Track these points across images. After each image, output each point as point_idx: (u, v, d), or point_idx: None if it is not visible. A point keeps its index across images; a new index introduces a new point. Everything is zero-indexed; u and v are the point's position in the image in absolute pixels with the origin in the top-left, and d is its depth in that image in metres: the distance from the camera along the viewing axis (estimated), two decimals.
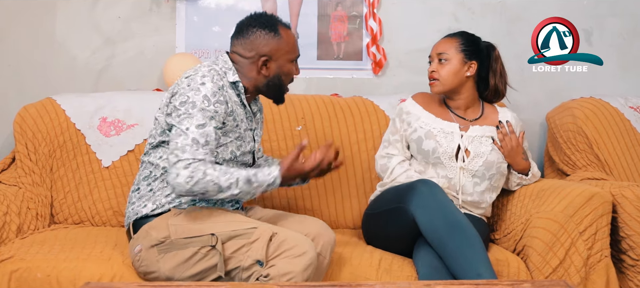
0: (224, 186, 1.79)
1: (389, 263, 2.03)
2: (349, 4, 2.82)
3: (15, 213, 2.20)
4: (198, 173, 1.77)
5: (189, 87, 1.85)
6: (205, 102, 1.83)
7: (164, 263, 1.82)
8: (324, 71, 2.84)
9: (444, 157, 2.20)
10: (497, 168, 2.23)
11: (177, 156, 1.78)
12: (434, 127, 2.24)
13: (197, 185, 1.77)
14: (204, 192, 1.79)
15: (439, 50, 2.26)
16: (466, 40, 2.27)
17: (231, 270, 1.79)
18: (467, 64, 2.25)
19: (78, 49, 2.77)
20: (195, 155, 1.78)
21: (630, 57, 2.91)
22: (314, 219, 2.03)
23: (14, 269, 1.91)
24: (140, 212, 1.91)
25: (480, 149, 2.21)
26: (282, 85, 2.01)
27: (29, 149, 2.40)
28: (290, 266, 1.73)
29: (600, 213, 2.08)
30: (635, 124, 2.63)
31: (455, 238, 1.93)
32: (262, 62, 1.94)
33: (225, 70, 1.94)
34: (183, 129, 1.81)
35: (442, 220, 1.95)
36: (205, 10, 2.78)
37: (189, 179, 1.76)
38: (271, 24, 1.96)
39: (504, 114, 2.32)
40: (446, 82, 2.25)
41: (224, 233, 1.80)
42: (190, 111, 1.82)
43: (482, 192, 2.22)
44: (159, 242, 1.84)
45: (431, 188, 2.00)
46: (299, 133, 2.53)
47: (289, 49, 1.97)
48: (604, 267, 2.08)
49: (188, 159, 1.78)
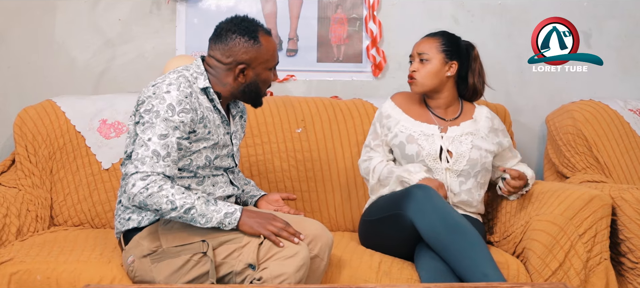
0: (178, 205, 1.75)
1: (389, 265, 2.03)
2: (349, 6, 2.82)
3: (15, 216, 2.20)
4: (154, 186, 1.74)
5: (154, 95, 1.82)
6: (169, 112, 1.79)
7: (157, 273, 1.81)
8: (323, 73, 2.84)
9: (429, 159, 2.20)
10: (481, 165, 2.23)
11: (136, 167, 1.75)
12: (415, 131, 2.24)
13: (151, 199, 1.74)
14: (158, 208, 1.75)
15: (420, 50, 2.26)
16: (447, 41, 2.27)
17: (224, 275, 1.78)
18: (448, 64, 2.26)
19: (78, 51, 2.77)
20: (154, 168, 1.75)
21: (629, 58, 2.91)
22: (311, 221, 2.00)
23: (14, 271, 1.91)
24: (127, 224, 1.90)
25: (461, 149, 2.21)
26: (259, 92, 1.97)
27: (29, 151, 2.40)
28: (283, 268, 1.71)
29: (600, 216, 2.08)
30: (634, 126, 2.63)
31: (457, 240, 1.92)
32: (239, 70, 1.90)
33: (196, 76, 1.90)
34: (145, 139, 1.77)
35: (442, 223, 1.94)
36: (206, 12, 2.78)
37: (143, 190, 1.73)
38: (251, 30, 1.90)
39: (480, 111, 2.33)
40: (426, 82, 2.25)
41: (214, 239, 1.78)
42: (153, 120, 1.79)
43: (469, 190, 2.22)
44: (150, 251, 1.83)
45: (427, 192, 1.99)
46: (298, 135, 2.53)
47: (268, 57, 1.92)
48: (603, 269, 2.08)
49: (146, 172, 1.75)
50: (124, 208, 1.92)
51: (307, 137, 2.53)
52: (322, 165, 2.51)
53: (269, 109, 2.55)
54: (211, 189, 1.94)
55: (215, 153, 1.94)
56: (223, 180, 1.98)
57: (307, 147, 2.52)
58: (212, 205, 1.79)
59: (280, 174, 2.48)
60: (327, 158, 2.51)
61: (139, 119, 1.82)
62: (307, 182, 2.49)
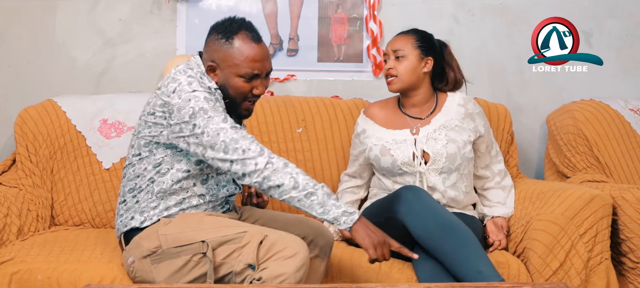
0: (301, 185, 1.72)
1: (389, 265, 2.03)
2: (350, 6, 2.82)
3: (16, 215, 2.20)
4: (279, 162, 1.72)
5: (184, 98, 1.77)
6: (210, 102, 1.77)
7: (158, 274, 1.81)
8: (324, 73, 2.84)
9: (405, 166, 2.19)
10: (461, 157, 2.20)
11: (236, 149, 1.72)
12: (387, 141, 2.23)
13: (275, 174, 1.71)
14: (280, 184, 1.72)
15: (395, 47, 2.25)
16: (421, 37, 2.26)
17: (224, 276, 1.77)
18: (423, 60, 2.24)
19: (78, 50, 2.77)
20: (247, 140, 1.73)
21: (630, 58, 2.91)
22: (312, 220, 2.00)
23: (15, 271, 1.91)
24: (129, 224, 1.90)
25: (436, 147, 2.19)
26: (231, 99, 1.87)
27: (30, 151, 2.40)
28: (282, 268, 1.70)
29: (601, 215, 2.08)
30: (635, 126, 2.63)
31: (450, 239, 1.92)
32: (208, 67, 1.87)
33: (201, 76, 1.87)
34: (214, 133, 1.73)
35: (434, 223, 1.93)
36: (206, 12, 2.78)
37: (269, 165, 1.71)
38: (230, 30, 1.84)
39: (452, 99, 2.29)
40: (404, 79, 2.23)
41: (214, 239, 1.77)
42: (206, 116, 1.75)
43: (454, 184, 2.20)
44: (150, 252, 1.81)
45: (416, 193, 1.99)
46: (299, 135, 2.53)
47: (237, 61, 1.83)
48: (604, 269, 2.08)
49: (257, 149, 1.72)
50: (127, 208, 1.92)
51: (308, 136, 2.53)
52: (323, 165, 2.51)
53: (270, 109, 2.55)
54: (215, 188, 1.94)
55: None
56: (226, 179, 1.98)
57: (307, 147, 2.52)
58: (333, 199, 1.75)
59: None
60: (328, 158, 2.51)
61: (192, 124, 1.76)
62: None
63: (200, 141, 1.76)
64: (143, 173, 1.89)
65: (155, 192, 1.88)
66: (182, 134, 1.78)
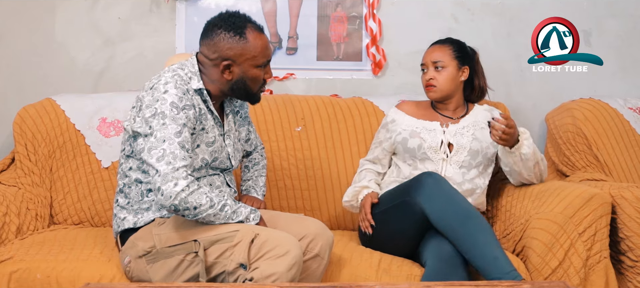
0: (216, 202, 1.77)
1: (389, 263, 2.03)
2: (349, 4, 2.82)
3: (15, 214, 2.20)
4: (193, 185, 1.74)
5: (154, 97, 1.80)
6: (173, 111, 1.78)
7: (154, 273, 1.81)
8: (323, 72, 2.84)
9: (430, 151, 2.25)
10: (483, 155, 2.28)
11: (169, 164, 1.73)
12: (417, 127, 2.30)
13: (192, 196, 1.73)
14: (197, 205, 1.74)
15: (434, 58, 2.31)
16: (458, 47, 2.34)
17: (217, 275, 1.77)
18: (461, 69, 2.32)
19: (78, 49, 2.77)
20: (186, 166, 1.75)
21: (629, 58, 2.91)
22: (312, 219, 2.00)
23: (14, 270, 1.91)
24: (122, 225, 1.90)
25: (462, 141, 2.26)
26: (248, 90, 1.93)
27: (29, 150, 2.40)
28: (273, 267, 1.69)
29: (600, 214, 2.08)
30: (634, 124, 2.63)
31: (468, 224, 1.96)
32: (223, 66, 1.88)
33: (191, 76, 1.89)
34: (161, 141, 1.75)
35: (453, 208, 1.98)
36: (205, 11, 2.78)
37: (186, 188, 1.73)
38: (237, 25, 1.87)
39: (478, 107, 2.38)
40: (444, 88, 2.30)
41: (206, 238, 1.77)
42: (162, 121, 1.77)
43: (472, 179, 2.26)
44: (145, 252, 1.82)
45: (437, 180, 2.04)
46: (298, 133, 2.53)
47: (255, 53, 1.88)
48: (603, 268, 2.08)
49: (182, 170, 1.74)
50: (120, 209, 1.92)
51: (307, 135, 2.53)
52: (322, 164, 2.51)
53: (269, 108, 2.55)
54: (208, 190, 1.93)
55: (213, 155, 1.93)
56: (219, 181, 1.98)
57: (307, 146, 2.52)
58: (237, 202, 1.84)
59: (280, 173, 2.48)
60: (327, 157, 2.52)
61: (143, 124, 1.80)
62: (307, 180, 2.49)
63: (146, 141, 1.78)
64: (129, 174, 1.91)
65: (145, 193, 1.89)
66: (140, 129, 1.81)
